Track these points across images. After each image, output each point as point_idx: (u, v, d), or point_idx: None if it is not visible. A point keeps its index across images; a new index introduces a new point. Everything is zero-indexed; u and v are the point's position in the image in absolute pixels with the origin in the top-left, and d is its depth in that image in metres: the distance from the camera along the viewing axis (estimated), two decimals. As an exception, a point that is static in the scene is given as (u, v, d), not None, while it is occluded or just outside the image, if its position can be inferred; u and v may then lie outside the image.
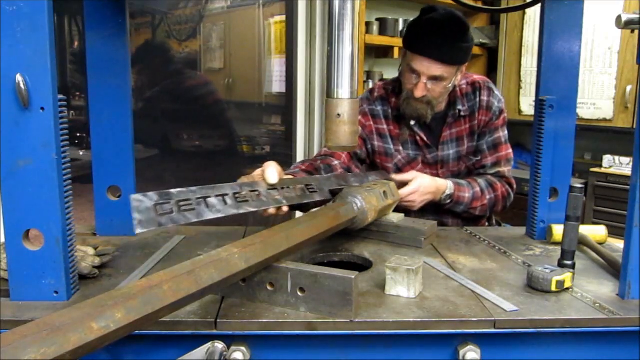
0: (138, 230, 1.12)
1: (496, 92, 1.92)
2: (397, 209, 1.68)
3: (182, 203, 1.22)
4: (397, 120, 1.92)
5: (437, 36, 1.68)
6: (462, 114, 1.87)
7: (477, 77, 1.93)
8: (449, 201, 1.82)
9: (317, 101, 3.23)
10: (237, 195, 1.33)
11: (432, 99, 1.77)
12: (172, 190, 1.22)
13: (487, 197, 1.87)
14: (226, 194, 1.31)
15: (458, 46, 1.70)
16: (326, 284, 1.09)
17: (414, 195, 1.72)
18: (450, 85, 1.78)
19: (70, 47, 3.24)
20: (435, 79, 1.73)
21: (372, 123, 1.93)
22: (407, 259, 1.24)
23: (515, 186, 1.96)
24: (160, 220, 1.16)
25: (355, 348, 1.12)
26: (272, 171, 1.41)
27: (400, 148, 1.93)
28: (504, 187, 1.91)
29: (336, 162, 1.85)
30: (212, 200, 1.28)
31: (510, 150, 1.96)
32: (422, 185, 1.73)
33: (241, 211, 1.31)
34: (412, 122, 1.87)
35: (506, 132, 1.95)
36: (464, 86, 1.88)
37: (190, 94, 3.45)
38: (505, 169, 1.94)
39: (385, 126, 1.93)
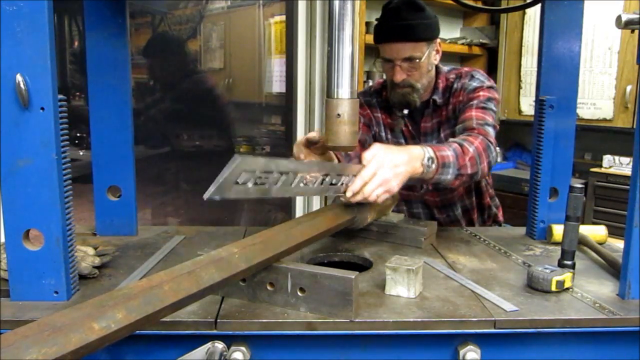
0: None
1: (479, 76, 1.83)
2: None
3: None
4: (389, 111, 1.96)
5: (396, 20, 1.75)
6: (438, 103, 1.87)
7: (468, 69, 1.92)
8: (434, 166, 1.44)
9: (317, 101, 3.23)
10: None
11: (414, 82, 1.80)
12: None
13: (470, 148, 1.53)
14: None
15: (417, 23, 1.73)
16: (326, 284, 1.09)
17: (380, 172, 1.32)
18: (427, 63, 1.79)
19: (70, 47, 3.23)
20: (407, 60, 1.76)
21: (369, 111, 1.98)
22: (407, 259, 1.24)
23: (493, 139, 1.64)
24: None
25: (355, 348, 1.12)
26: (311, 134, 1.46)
27: (390, 136, 1.96)
28: (478, 138, 1.60)
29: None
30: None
31: (487, 116, 1.70)
32: (385, 157, 1.34)
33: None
34: (405, 111, 1.88)
35: (486, 104, 1.73)
36: (451, 79, 1.88)
37: (193, 93, 3.45)
38: (475, 122, 1.67)
39: (379, 114, 1.98)
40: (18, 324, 1.00)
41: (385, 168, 1.33)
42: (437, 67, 1.89)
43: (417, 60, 1.76)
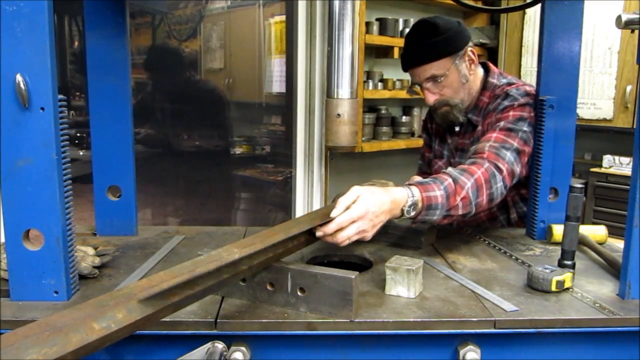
0: None
1: (514, 93, 1.69)
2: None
3: None
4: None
5: (410, 44, 1.75)
6: (474, 122, 1.79)
7: (516, 82, 1.76)
8: (414, 213, 1.34)
9: (317, 101, 3.23)
10: None
11: (448, 99, 1.74)
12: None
13: (466, 185, 1.41)
14: None
15: (429, 42, 1.70)
16: (326, 284, 1.09)
17: (359, 222, 1.22)
18: (456, 77, 1.71)
19: (70, 47, 3.24)
20: (432, 79, 1.72)
21: (432, 125, 2.01)
22: (407, 259, 1.24)
23: (505, 165, 1.51)
24: None
25: (355, 348, 1.12)
26: None
27: (436, 146, 1.97)
28: (483, 166, 1.48)
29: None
30: None
31: (509, 139, 1.57)
32: (370, 206, 1.23)
33: None
34: (457, 129, 1.85)
35: (514, 126, 1.60)
36: (498, 92, 1.76)
37: (196, 94, 3.46)
38: (487, 145, 1.55)
39: (433, 125, 2.00)
40: (18, 324, 1.00)
41: (366, 219, 1.23)
42: (487, 81, 1.79)
43: (442, 78, 1.70)
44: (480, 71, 1.81)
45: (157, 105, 3.39)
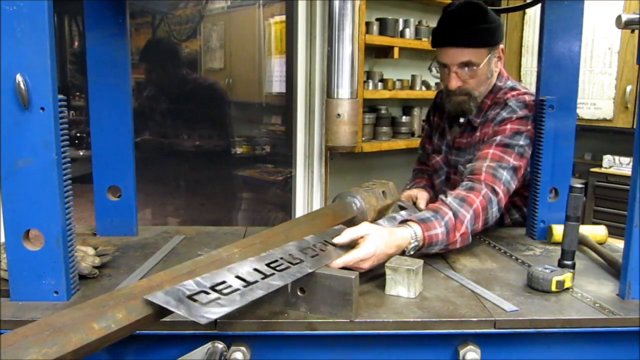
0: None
1: (513, 104, 1.67)
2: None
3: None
4: (442, 114, 1.94)
5: (455, 23, 1.68)
6: (476, 124, 1.77)
7: (516, 92, 1.73)
8: (412, 252, 1.38)
9: (317, 101, 3.23)
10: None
11: (471, 89, 1.71)
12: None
13: (465, 219, 1.44)
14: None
15: (478, 27, 1.65)
16: (326, 284, 1.09)
17: (367, 261, 1.26)
18: (485, 70, 1.70)
19: (70, 47, 3.24)
20: (464, 65, 1.67)
21: (432, 119, 2.00)
22: (407, 259, 1.25)
23: (501, 187, 1.52)
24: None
25: (355, 348, 1.12)
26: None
27: (436, 140, 1.95)
28: (480, 192, 1.50)
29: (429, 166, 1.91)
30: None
31: (506, 155, 1.57)
32: (377, 249, 1.26)
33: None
34: (462, 120, 1.81)
35: (511, 141, 1.60)
36: (500, 98, 1.74)
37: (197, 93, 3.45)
38: (484, 165, 1.56)
39: (436, 118, 1.98)
40: (18, 324, 0.99)
41: (369, 261, 1.26)
42: (494, 84, 1.77)
43: (475, 67, 1.67)
44: (497, 71, 1.79)
45: (154, 104, 3.39)
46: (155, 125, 3.37)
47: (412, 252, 1.37)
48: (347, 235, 1.26)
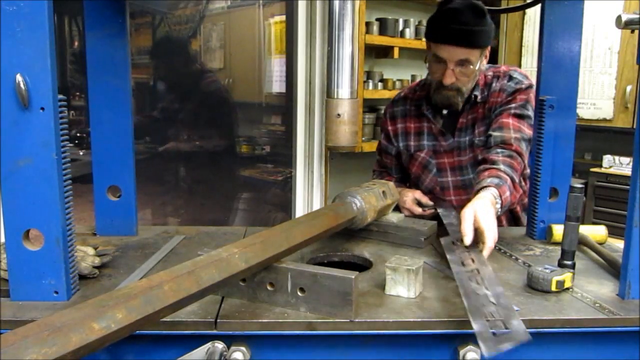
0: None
1: (517, 76, 1.85)
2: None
3: None
4: (416, 115, 1.96)
5: (458, 23, 1.73)
6: (478, 100, 1.86)
7: (505, 67, 1.91)
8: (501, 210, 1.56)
9: (317, 101, 3.23)
10: None
11: (461, 85, 1.79)
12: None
13: (517, 181, 1.67)
14: None
15: (478, 30, 1.72)
16: (326, 284, 1.09)
17: (493, 234, 1.40)
18: (477, 69, 1.78)
19: (70, 47, 3.24)
20: (461, 63, 1.75)
21: (395, 127, 2.01)
22: (407, 259, 1.24)
23: (525, 158, 1.74)
24: None
25: (355, 348, 1.12)
26: None
27: (425, 142, 1.96)
28: (517, 160, 1.69)
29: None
30: None
31: (523, 127, 1.75)
32: (489, 221, 1.42)
33: None
34: (445, 112, 1.89)
35: (523, 111, 1.78)
36: (489, 76, 1.88)
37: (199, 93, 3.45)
38: (513, 136, 1.73)
39: (407, 124, 1.99)
40: (18, 324, 0.99)
41: (494, 230, 1.41)
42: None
43: (471, 66, 1.75)
44: (483, 68, 1.88)
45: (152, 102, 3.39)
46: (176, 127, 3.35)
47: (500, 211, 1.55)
48: (467, 231, 1.39)
